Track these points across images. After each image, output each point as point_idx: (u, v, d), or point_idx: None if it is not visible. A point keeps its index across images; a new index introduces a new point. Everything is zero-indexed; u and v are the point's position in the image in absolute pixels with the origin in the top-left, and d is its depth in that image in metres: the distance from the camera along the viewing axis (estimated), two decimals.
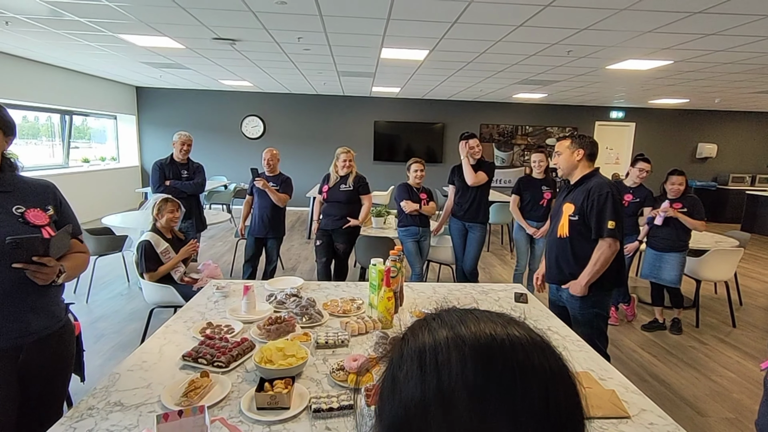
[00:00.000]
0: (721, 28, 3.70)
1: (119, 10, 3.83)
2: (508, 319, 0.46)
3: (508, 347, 0.41)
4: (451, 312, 0.47)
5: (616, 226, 2.28)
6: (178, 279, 3.01)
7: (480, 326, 0.43)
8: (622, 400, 1.52)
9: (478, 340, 0.41)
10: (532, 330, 0.45)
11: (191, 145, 4.15)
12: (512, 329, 0.43)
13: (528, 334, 0.43)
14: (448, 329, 0.43)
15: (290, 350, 1.59)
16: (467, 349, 0.40)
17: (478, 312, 0.47)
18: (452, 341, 0.41)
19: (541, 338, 0.44)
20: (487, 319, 0.45)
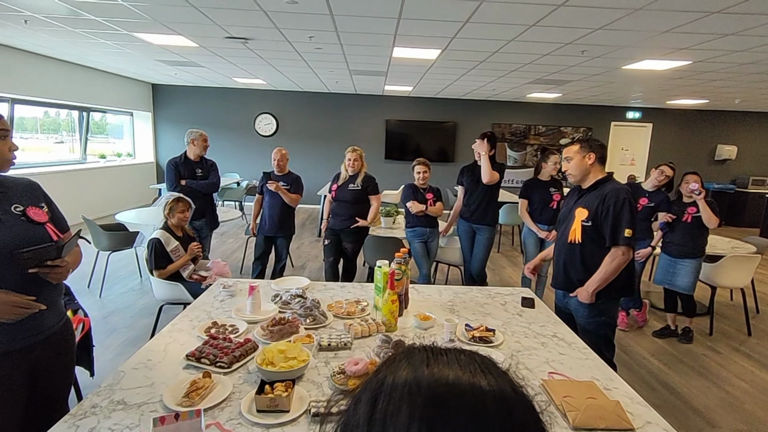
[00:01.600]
0: (740, 28, 3.61)
1: (134, 9, 3.88)
2: (484, 365, 0.44)
3: (467, 400, 0.39)
4: (424, 351, 0.45)
5: (632, 234, 2.23)
6: (187, 276, 3.04)
7: (444, 372, 0.41)
8: (627, 411, 1.49)
9: (434, 390, 0.40)
10: (508, 381, 0.43)
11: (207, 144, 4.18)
12: (481, 379, 0.41)
13: (499, 387, 0.41)
14: (411, 371, 0.42)
15: (292, 352, 1.60)
16: (420, 400, 0.39)
17: (454, 354, 0.45)
18: (409, 388, 0.40)
19: (514, 392, 0.42)
20: (456, 364, 0.43)
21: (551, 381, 1.63)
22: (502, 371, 0.44)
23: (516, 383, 0.43)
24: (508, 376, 0.43)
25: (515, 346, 1.94)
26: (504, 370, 0.44)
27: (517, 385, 0.43)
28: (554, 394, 1.53)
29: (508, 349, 1.90)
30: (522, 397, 0.42)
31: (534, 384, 1.63)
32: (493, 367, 0.44)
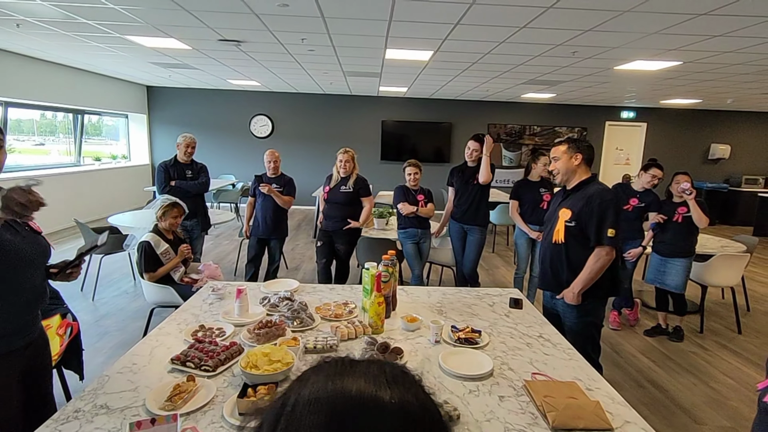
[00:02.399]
0: (727, 29, 3.63)
1: (126, 12, 3.88)
2: (393, 377, 0.44)
3: (367, 415, 0.40)
4: (334, 364, 0.46)
5: (616, 234, 2.25)
6: (178, 279, 3.05)
7: (348, 386, 0.42)
8: (608, 411, 1.51)
9: (334, 407, 0.40)
10: (414, 394, 0.43)
11: (195, 147, 4.20)
12: (385, 392, 0.42)
13: (402, 400, 0.42)
14: (315, 387, 0.42)
15: (276, 355, 1.61)
16: (320, 418, 0.40)
17: (364, 366, 0.46)
18: (310, 406, 0.41)
19: (418, 404, 0.42)
20: (363, 376, 0.44)
21: (533, 382, 1.64)
22: (411, 383, 0.45)
23: (423, 396, 0.44)
24: (415, 388, 0.44)
25: (501, 347, 1.96)
26: (414, 381, 0.45)
27: (424, 397, 0.44)
28: (536, 394, 1.54)
29: (493, 350, 1.91)
30: (427, 410, 0.43)
31: (517, 385, 1.65)
32: (402, 378, 0.45)
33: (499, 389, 1.62)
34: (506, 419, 1.45)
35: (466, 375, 1.68)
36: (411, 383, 0.45)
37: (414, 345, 1.95)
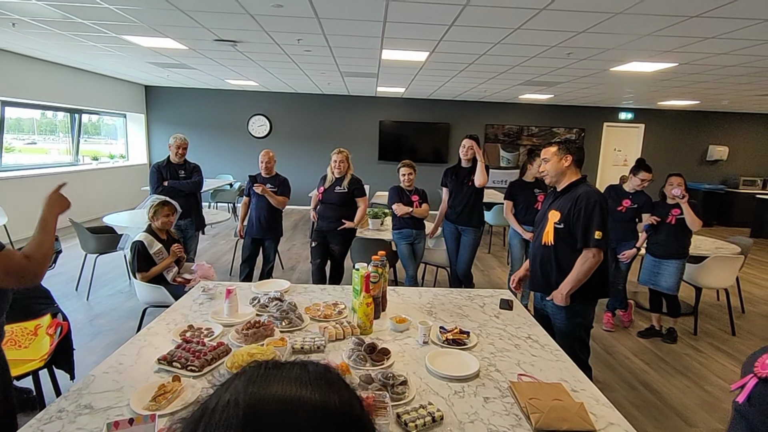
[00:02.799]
0: (719, 31, 3.64)
1: (121, 12, 3.89)
2: (316, 378, 0.45)
3: (285, 417, 0.40)
4: (258, 368, 0.46)
5: (603, 236, 2.25)
6: (171, 279, 3.05)
7: (268, 389, 0.42)
8: (592, 412, 1.52)
9: (252, 409, 0.40)
10: (336, 394, 0.44)
11: (186, 149, 4.21)
12: (306, 393, 0.42)
13: (323, 400, 0.42)
14: (235, 392, 0.42)
15: (261, 356, 1.62)
16: (236, 422, 0.40)
17: (287, 369, 0.46)
18: (228, 411, 0.41)
19: (341, 405, 0.43)
20: (284, 379, 0.44)
21: (519, 383, 1.65)
22: (333, 381, 0.45)
23: (345, 394, 0.44)
24: (338, 386, 0.45)
25: (489, 348, 1.96)
26: (336, 379, 0.46)
27: (347, 395, 0.45)
28: (520, 395, 1.55)
29: (481, 352, 1.92)
30: (349, 408, 0.43)
31: (503, 386, 1.65)
32: (324, 377, 0.45)
33: (485, 390, 1.62)
34: (490, 421, 1.45)
35: (451, 376, 1.68)
36: (333, 381, 0.45)
37: (402, 346, 1.95)
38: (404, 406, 1.48)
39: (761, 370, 1.02)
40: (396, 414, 1.42)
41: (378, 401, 1.40)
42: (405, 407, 1.46)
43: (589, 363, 2.42)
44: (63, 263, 5.26)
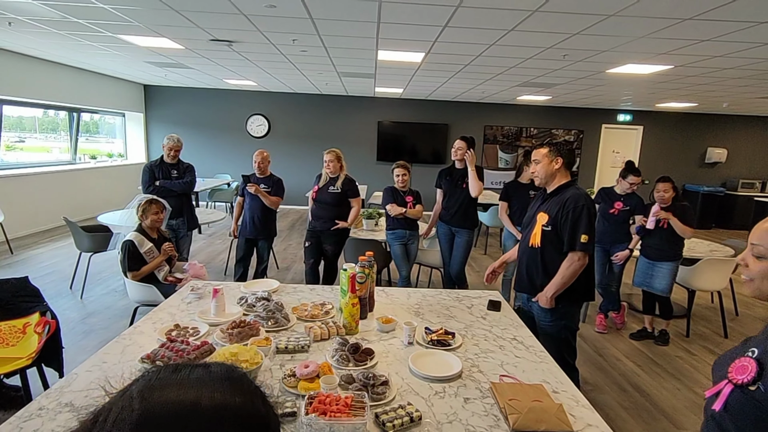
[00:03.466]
0: (714, 34, 3.64)
1: (115, 12, 3.90)
2: (217, 378, 0.45)
3: (177, 418, 0.40)
4: (156, 371, 0.46)
5: (589, 240, 2.26)
6: (162, 278, 3.06)
7: (163, 393, 0.42)
8: (571, 414, 1.52)
9: (146, 411, 0.41)
10: (240, 393, 0.44)
11: (179, 150, 4.22)
12: (205, 395, 0.42)
13: (222, 403, 0.42)
14: (129, 397, 0.43)
15: (244, 355, 1.62)
16: (129, 425, 0.40)
17: (187, 371, 0.46)
18: (121, 415, 0.41)
19: (239, 406, 0.43)
20: (180, 382, 0.44)
21: (500, 384, 1.65)
22: (236, 381, 0.45)
23: (248, 394, 0.45)
24: (241, 387, 0.45)
25: (473, 349, 1.97)
26: (239, 379, 0.46)
27: (249, 396, 0.45)
28: (500, 396, 1.55)
29: (465, 352, 1.92)
30: (251, 408, 0.44)
31: (484, 387, 1.66)
32: (226, 379, 0.45)
33: (466, 391, 1.63)
34: (468, 421, 1.45)
35: (433, 377, 1.69)
36: (236, 381, 0.46)
37: (386, 346, 1.96)
38: (384, 406, 1.48)
39: (736, 375, 1.01)
40: (375, 414, 1.42)
41: (356, 401, 1.41)
42: (384, 407, 1.46)
43: (575, 365, 2.42)
44: (57, 262, 5.28)
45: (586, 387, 3.10)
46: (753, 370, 0.96)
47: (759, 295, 1.01)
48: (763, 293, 1.00)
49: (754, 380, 0.95)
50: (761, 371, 0.95)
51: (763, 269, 0.97)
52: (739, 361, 1.01)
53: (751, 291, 1.02)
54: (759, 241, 0.99)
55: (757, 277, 0.99)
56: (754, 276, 1.00)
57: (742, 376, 0.98)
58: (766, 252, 0.97)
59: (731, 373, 1.01)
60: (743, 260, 1.03)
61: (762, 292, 1.00)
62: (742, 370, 0.99)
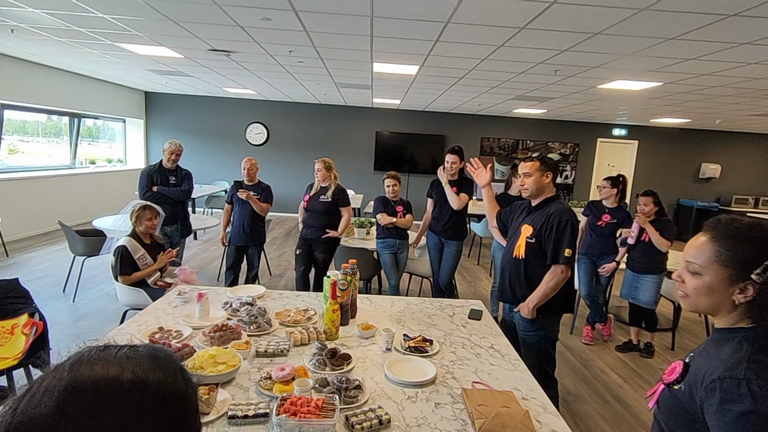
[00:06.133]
0: (698, 53, 3.73)
1: (115, 21, 4.00)
2: (140, 357, 0.50)
3: (103, 396, 0.45)
4: (88, 351, 0.51)
5: (572, 254, 2.31)
6: (152, 283, 3.11)
7: (90, 369, 0.48)
8: (537, 420, 1.57)
9: (69, 391, 0.45)
10: (161, 371, 0.49)
11: (180, 155, 4.28)
12: (128, 372, 0.47)
13: (143, 379, 0.48)
14: (58, 373, 0.47)
15: (222, 357, 1.67)
16: (57, 396, 0.45)
17: (113, 350, 0.51)
18: (49, 390, 0.45)
19: (160, 383, 0.48)
20: (106, 359, 0.49)
21: (471, 390, 1.70)
22: (162, 362, 0.50)
23: (170, 372, 0.50)
24: (165, 365, 0.50)
25: (450, 356, 2.01)
26: (164, 358, 0.51)
27: (171, 373, 0.50)
28: (470, 402, 1.60)
29: (441, 359, 1.97)
30: (171, 385, 0.49)
31: (456, 393, 1.70)
32: (150, 357, 0.50)
33: (438, 396, 1.67)
34: (437, 425, 1.50)
35: (407, 382, 1.73)
36: (160, 359, 0.50)
37: (365, 352, 2.00)
38: (355, 409, 1.53)
39: (667, 376, 1.09)
40: (345, 416, 1.47)
41: (328, 404, 1.46)
42: (356, 410, 1.51)
43: (555, 375, 2.46)
44: (51, 265, 5.32)
45: (569, 397, 3.13)
46: (679, 371, 1.04)
47: (695, 309, 1.07)
48: (699, 308, 1.06)
49: (677, 380, 1.03)
50: (685, 372, 1.03)
51: (698, 285, 1.03)
52: (673, 364, 1.09)
53: (688, 306, 1.08)
54: (693, 259, 1.04)
55: (693, 293, 1.04)
56: (689, 292, 1.05)
57: (671, 376, 1.06)
58: (700, 269, 1.02)
59: (665, 375, 1.09)
60: (680, 276, 1.08)
61: (698, 307, 1.05)
62: (671, 372, 1.07)
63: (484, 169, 2.74)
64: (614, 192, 4.01)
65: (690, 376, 1.02)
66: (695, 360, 1.05)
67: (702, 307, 1.04)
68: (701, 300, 1.03)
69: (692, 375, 1.01)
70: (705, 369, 0.97)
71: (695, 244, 1.05)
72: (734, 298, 0.98)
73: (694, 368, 1.02)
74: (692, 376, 1.01)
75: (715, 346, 1.02)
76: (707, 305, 1.03)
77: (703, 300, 1.03)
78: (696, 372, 1.00)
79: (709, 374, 0.95)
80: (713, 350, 1.01)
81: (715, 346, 1.02)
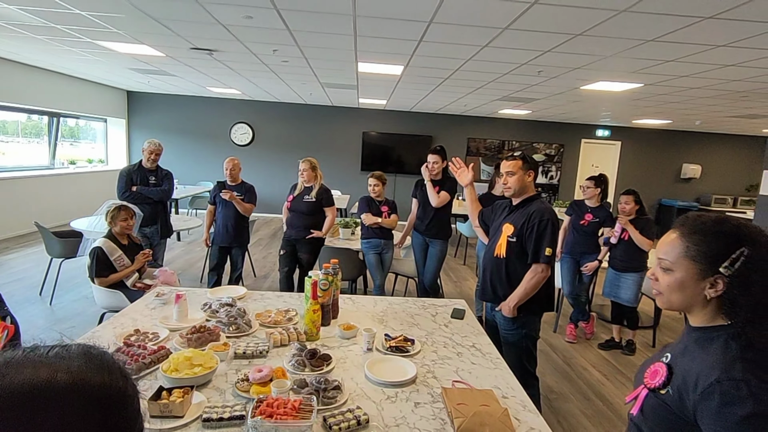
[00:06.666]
0: (676, 55, 3.79)
1: (93, 19, 3.92)
2: (75, 356, 0.48)
3: (38, 400, 0.43)
4: (22, 351, 0.48)
5: (552, 253, 2.32)
6: (131, 285, 3.05)
7: (20, 371, 0.45)
8: (516, 418, 1.57)
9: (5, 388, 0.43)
10: (97, 369, 0.47)
11: (160, 155, 4.22)
12: (63, 374, 0.45)
13: (80, 380, 0.45)
14: None
15: (198, 360, 1.64)
16: None
17: (43, 351, 0.48)
18: None
19: (98, 383, 0.46)
20: (38, 361, 0.46)
21: (451, 389, 1.69)
22: (96, 360, 0.48)
23: (106, 370, 0.48)
24: (100, 363, 0.48)
25: (431, 355, 2.01)
26: (98, 356, 0.49)
27: (107, 372, 0.48)
28: (449, 401, 1.59)
29: (422, 359, 1.96)
30: (110, 385, 0.47)
31: (436, 392, 1.69)
32: (87, 357, 0.48)
33: (418, 396, 1.67)
34: (416, 425, 1.49)
35: (387, 382, 1.72)
36: (94, 358, 0.48)
37: (346, 352, 1.98)
38: (334, 410, 1.51)
39: (650, 380, 1.06)
40: (323, 417, 1.45)
41: (305, 405, 1.44)
42: (334, 411, 1.49)
43: (536, 373, 2.47)
44: (28, 268, 5.20)
45: (552, 395, 3.15)
46: (663, 375, 1.01)
47: (669, 306, 1.06)
48: (672, 305, 1.05)
49: (663, 384, 1.00)
50: (671, 375, 1.00)
51: (671, 282, 1.02)
52: (653, 366, 1.06)
53: (661, 303, 1.07)
54: (664, 255, 1.04)
55: (665, 290, 1.04)
56: (662, 289, 1.04)
57: (654, 380, 1.03)
58: (671, 265, 1.02)
59: (646, 378, 1.06)
60: (653, 274, 1.08)
61: (672, 304, 1.05)
62: (654, 375, 1.04)
63: (466, 168, 2.74)
64: (598, 191, 4.05)
65: (677, 379, 0.98)
66: (678, 361, 1.02)
67: (675, 303, 1.04)
68: (674, 296, 1.03)
69: (680, 378, 0.98)
70: (696, 371, 0.94)
71: (666, 241, 1.05)
72: (705, 293, 0.98)
73: (681, 371, 0.99)
74: (680, 379, 0.98)
75: (699, 347, 0.99)
76: (680, 301, 1.03)
77: (675, 296, 1.02)
78: (684, 375, 0.97)
79: (702, 377, 0.92)
80: (698, 351, 0.98)
81: (699, 347, 0.99)
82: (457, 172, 2.75)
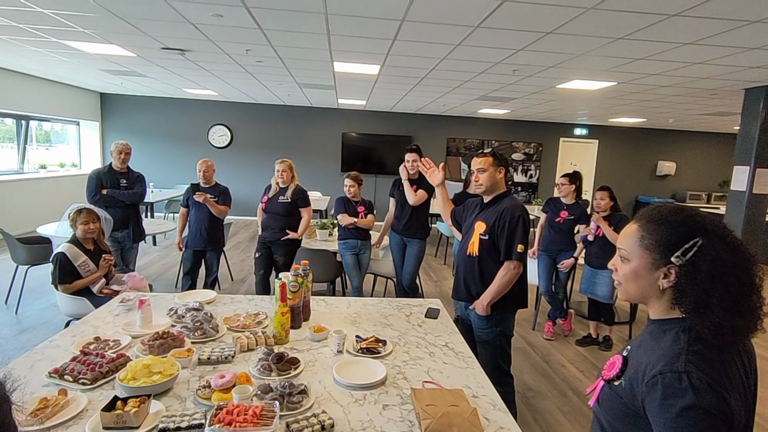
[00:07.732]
0: (645, 53, 3.85)
1: (57, 18, 3.79)
2: None
3: None
4: None
5: (524, 250, 2.32)
6: (97, 291, 2.95)
7: None
8: (486, 417, 1.55)
9: None
10: None
11: (129, 154, 4.10)
12: None
13: None
14: None
15: (157, 367, 1.58)
16: None
17: None
18: None
19: None
20: None
21: (421, 390, 1.66)
22: None
23: None
24: None
25: (403, 356, 1.98)
26: None
27: None
28: (418, 402, 1.56)
29: (393, 360, 1.93)
30: None
31: (405, 393, 1.66)
32: None
33: (387, 398, 1.63)
34: (383, 428, 1.46)
35: (355, 384, 1.68)
36: None
37: (316, 355, 1.94)
38: (298, 415, 1.47)
39: (607, 372, 1.06)
40: (286, 423, 1.40)
41: (267, 411, 1.39)
42: (298, 416, 1.45)
43: (510, 371, 2.46)
44: None
45: (529, 393, 3.16)
46: (618, 366, 1.01)
47: (628, 297, 1.05)
48: (630, 296, 1.04)
49: (617, 376, 1.00)
50: (625, 367, 1.00)
51: (627, 272, 1.02)
52: (612, 358, 1.06)
53: (622, 294, 1.07)
54: (622, 245, 1.04)
55: (623, 279, 1.04)
56: (621, 279, 1.04)
57: (610, 372, 1.03)
58: (628, 254, 1.02)
59: (604, 370, 1.06)
60: (614, 265, 1.08)
61: (630, 295, 1.04)
62: (611, 367, 1.04)
63: (436, 168, 2.72)
64: (573, 188, 4.08)
65: (630, 371, 0.99)
66: (633, 354, 1.02)
67: (632, 294, 1.03)
68: (630, 286, 1.02)
69: (632, 370, 0.98)
70: (645, 363, 0.95)
71: (626, 232, 1.05)
72: (659, 283, 0.98)
73: (634, 362, 0.99)
74: (632, 371, 0.98)
75: (652, 339, 1.00)
76: (636, 292, 1.03)
77: (631, 286, 1.02)
78: (636, 366, 0.97)
79: (649, 369, 0.92)
80: (651, 343, 0.99)
81: (652, 339, 1.00)
82: (428, 172, 2.73)
